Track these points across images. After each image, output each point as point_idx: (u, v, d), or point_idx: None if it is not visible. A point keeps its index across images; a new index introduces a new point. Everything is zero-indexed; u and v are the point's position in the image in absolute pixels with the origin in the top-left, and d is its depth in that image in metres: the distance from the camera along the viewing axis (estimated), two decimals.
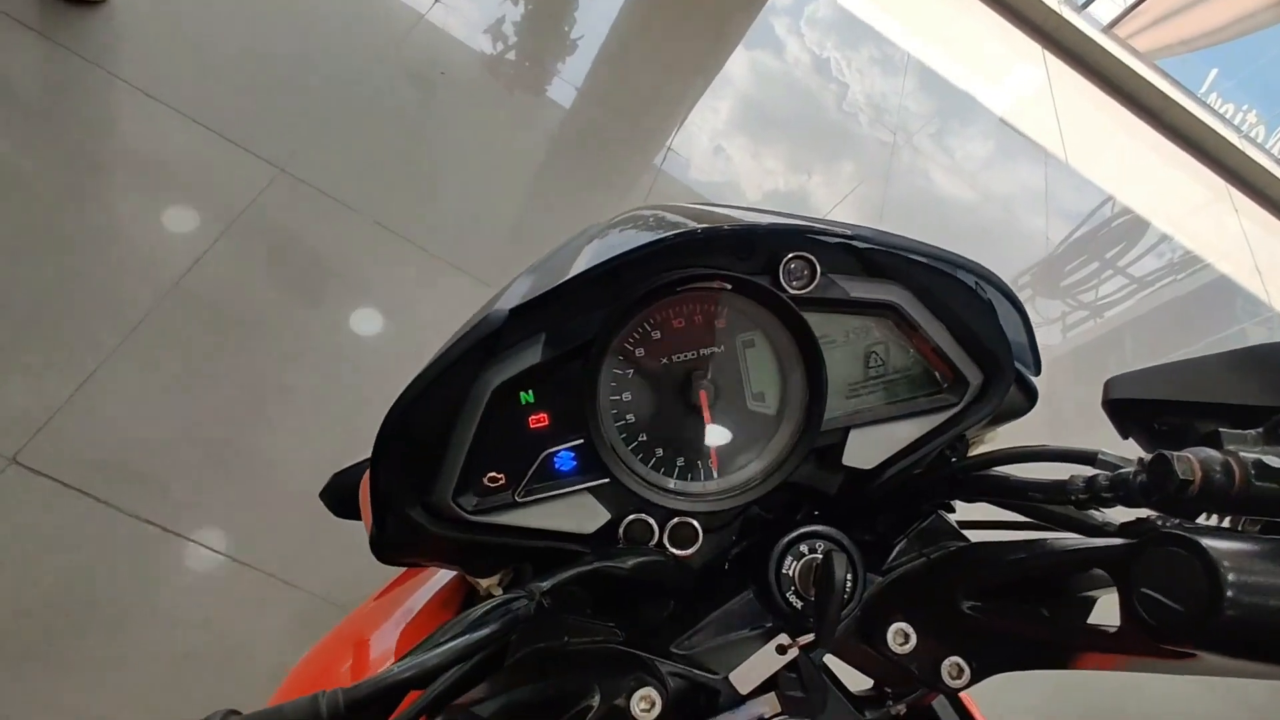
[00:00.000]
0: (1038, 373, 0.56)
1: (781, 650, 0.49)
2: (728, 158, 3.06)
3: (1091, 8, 5.42)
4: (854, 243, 0.51)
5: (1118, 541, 0.39)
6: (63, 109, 1.84)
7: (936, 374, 0.54)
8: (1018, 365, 0.54)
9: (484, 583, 0.54)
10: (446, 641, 0.39)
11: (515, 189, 2.41)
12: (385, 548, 0.50)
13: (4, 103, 1.78)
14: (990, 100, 4.42)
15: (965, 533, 0.54)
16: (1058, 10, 5.10)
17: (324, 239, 1.96)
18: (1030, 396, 0.56)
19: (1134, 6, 5.48)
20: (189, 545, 1.49)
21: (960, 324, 0.52)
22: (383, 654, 0.64)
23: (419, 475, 0.48)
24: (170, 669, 1.39)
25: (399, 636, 0.62)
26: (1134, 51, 5.34)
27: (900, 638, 0.49)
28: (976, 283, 0.52)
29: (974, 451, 0.58)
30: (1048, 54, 5.12)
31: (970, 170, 3.94)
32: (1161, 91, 5.22)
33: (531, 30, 2.94)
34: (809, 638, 0.48)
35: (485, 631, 0.40)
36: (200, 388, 1.65)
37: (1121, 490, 0.40)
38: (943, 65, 4.32)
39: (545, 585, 0.44)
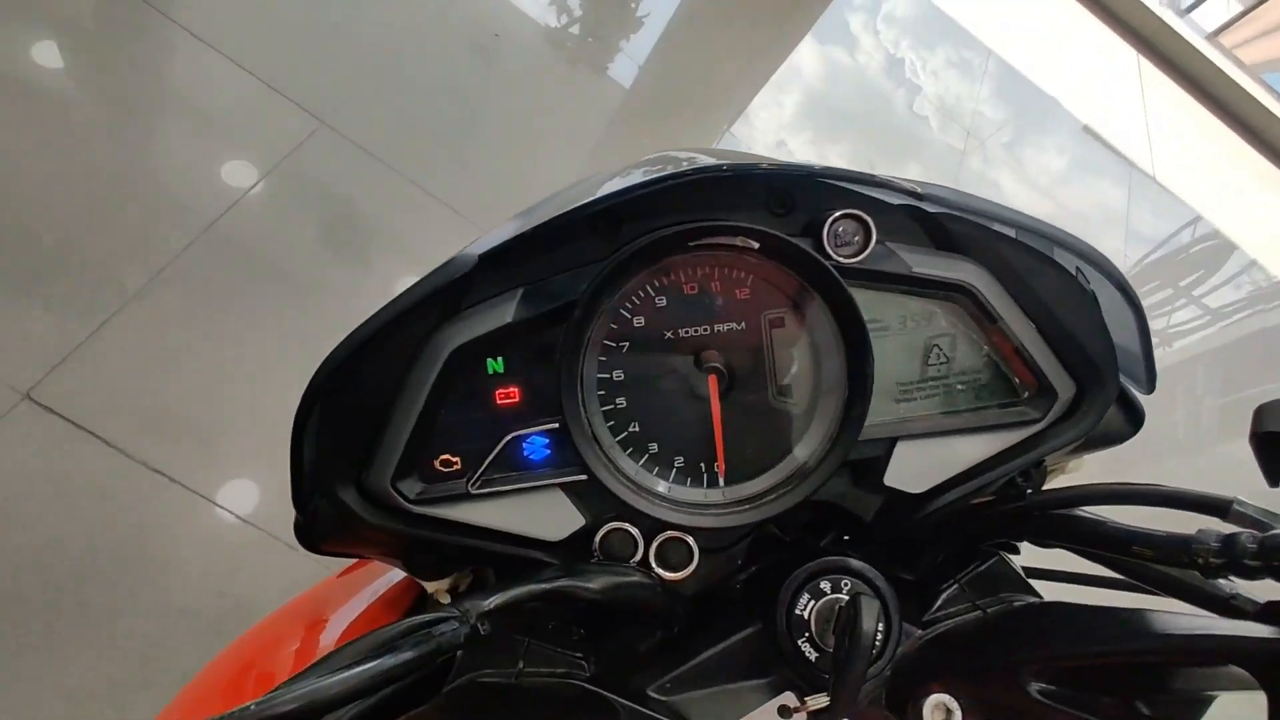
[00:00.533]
0: (1149, 390, 0.44)
1: (785, 713, 0.39)
2: (788, 150, 2.92)
3: (1196, 13, 5.07)
4: (922, 204, 0.40)
5: (1265, 631, 0.28)
6: (113, 44, 1.82)
7: (1015, 380, 0.42)
8: (1123, 378, 0.42)
9: (430, 587, 0.45)
10: (342, 669, 0.30)
11: (562, 160, 2.32)
12: (312, 535, 0.41)
13: (57, 34, 1.77)
14: (1074, 107, 4.16)
15: (1033, 583, 0.43)
16: (1158, 13, 4.78)
17: (359, 195, 1.91)
18: (1135, 419, 0.44)
19: (1243, 14, 5.10)
20: (198, 500, 1.45)
21: (1052, 319, 0.40)
22: (329, 643, 0.56)
23: (352, 449, 0.39)
24: (165, 623, 1.35)
25: (343, 630, 0.54)
26: (1238, 62, 4.98)
27: (940, 714, 0.38)
28: (1078, 267, 0.41)
29: (1053, 483, 0.46)
30: (1143, 59, 4.80)
31: (1045, 182, 3.71)
32: (1265, 108, 4.86)
33: (598, 2, 2.84)
34: (822, 700, 0.38)
35: (394, 661, 0.31)
36: (222, 336, 1.61)
37: (1277, 559, 0.29)
38: (1026, 67, 4.08)
39: (485, 605, 0.34)
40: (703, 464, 0.42)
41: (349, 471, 0.39)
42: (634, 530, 0.41)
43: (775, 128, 2.95)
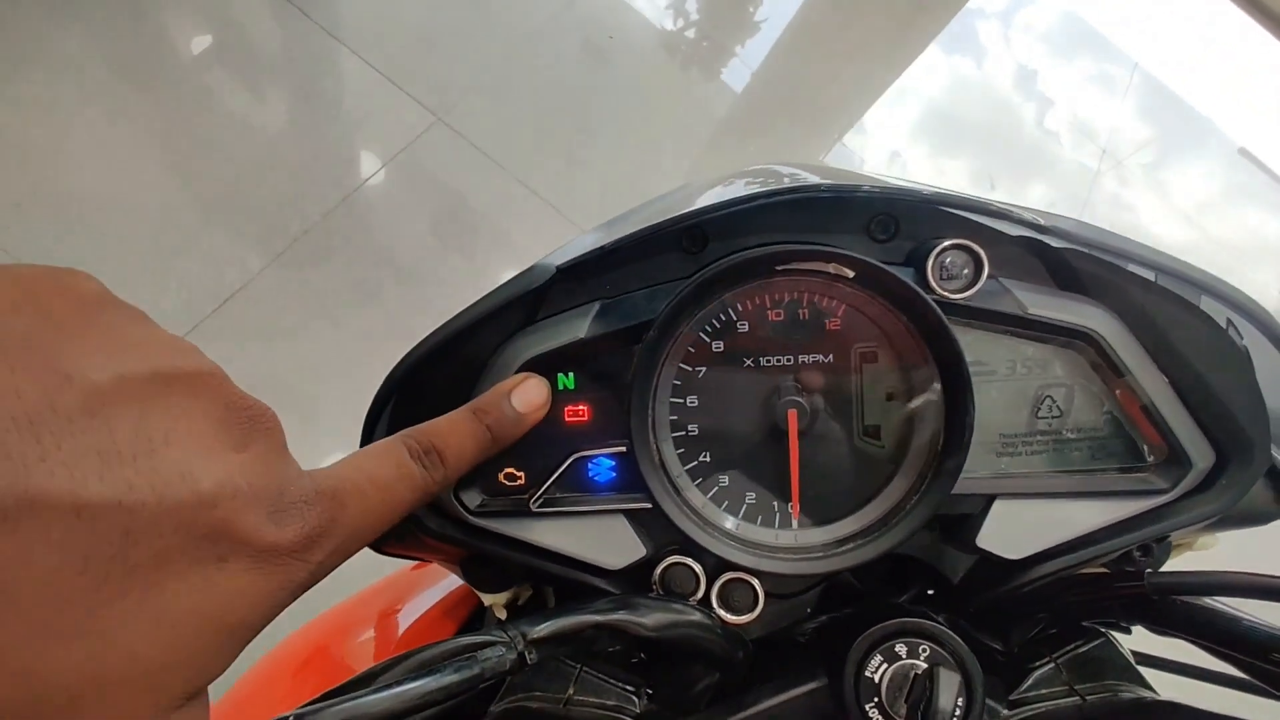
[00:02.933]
0: None
1: None
2: (902, 163, 2.80)
3: None
4: (1045, 238, 0.35)
5: None
6: (253, 38, 1.95)
7: (1141, 443, 0.37)
8: (1275, 450, 0.36)
9: (487, 599, 0.44)
10: (381, 688, 0.29)
11: (669, 165, 2.31)
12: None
13: (208, 26, 1.91)
14: (1231, 127, 3.79)
15: (1144, 671, 0.38)
16: None
17: (468, 190, 1.97)
18: None
19: None
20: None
21: (1193, 376, 0.35)
22: (395, 639, 0.56)
23: None
24: None
25: (407, 628, 0.54)
26: None
27: None
28: (1230, 319, 0.35)
29: (1177, 561, 0.40)
30: None
31: (1190, 207, 3.40)
32: None
33: (715, 6, 2.81)
34: None
35: (434, 684, 0.30)
36: (332, 322, 1.69)
37: None
38: (1177, 83, 3.75)
39: (535, 633, 0.33)
40: (775, 503, 0.39)
41: None
42: (697, 567, 0.39)
43: (891, 139, 2.84)
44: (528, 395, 0.35)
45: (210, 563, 0.20)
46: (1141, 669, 0.39)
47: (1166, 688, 0.38)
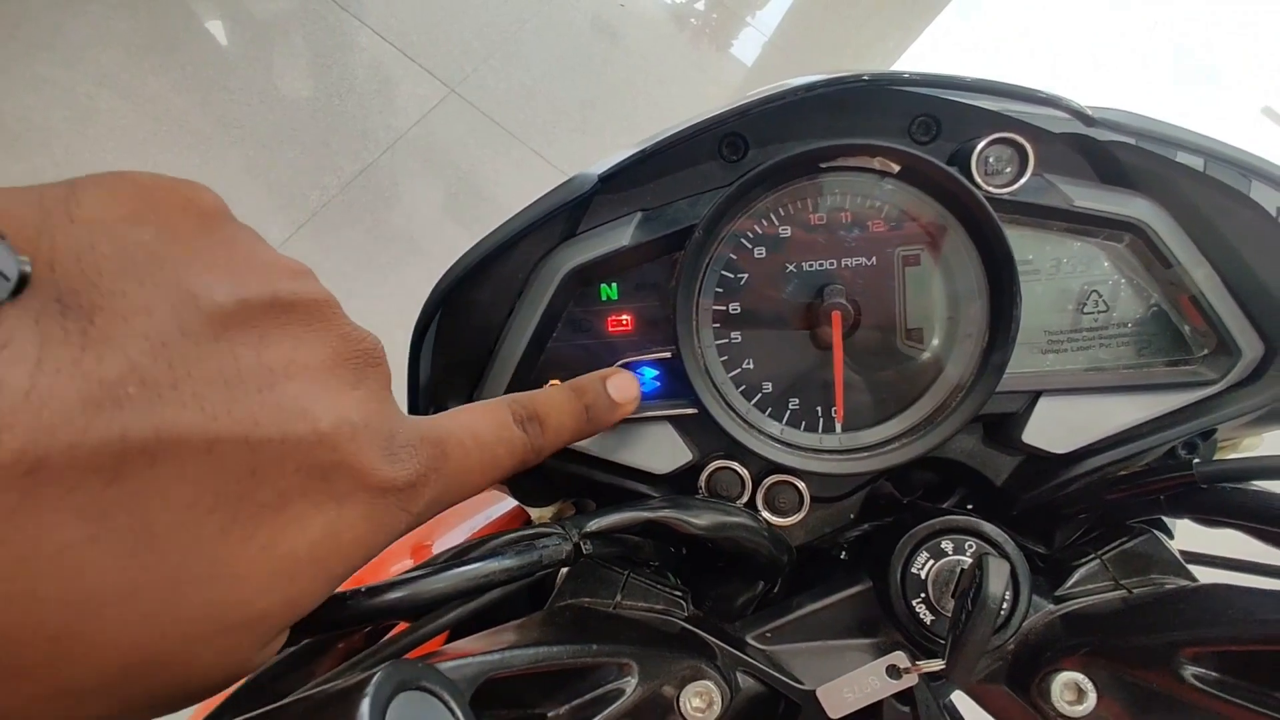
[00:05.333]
0: None
1: (894, 673, 0.36)
2: None
3: None
4: (1092, 131, 0.35)
5: None
6: (260, 13, 1.95)
7: (1188, 334, 0.37)
8: None
9: (534, 514, 0.45)
10: (447, 568, 0.30)
11: None
12: None
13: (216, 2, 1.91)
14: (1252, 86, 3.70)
15: (1191, 569, 0.38)
16: None
17: (483, 163, 1.97)
18: None
19: None
20: None
21: (1242, 266, 0.35)
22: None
23: (466, 366, 0.39)
24: None
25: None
26: None
27: (1070, 694, 0.34)
28: (1279, 208, 0.35)
29: (1224, 455, 0.40)
30: None
31: None
32: None
33: None
34: (936, 664, 0.35)
35: (496, 565, 0.31)
36: (351, 286, 1.70)
37: None
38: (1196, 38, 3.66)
39: (588, 527, 0.34)
40: (819, 408, 0.40)
41: (462, 387, 0.40)
42: (742, 470, 0.39)
43: None
44: (622, 384, 0.35)
45: (329, 505, 0.20)
46: (1190, 567, 0.39)
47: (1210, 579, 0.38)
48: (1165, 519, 0.40)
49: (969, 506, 0.45)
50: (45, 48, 1.67)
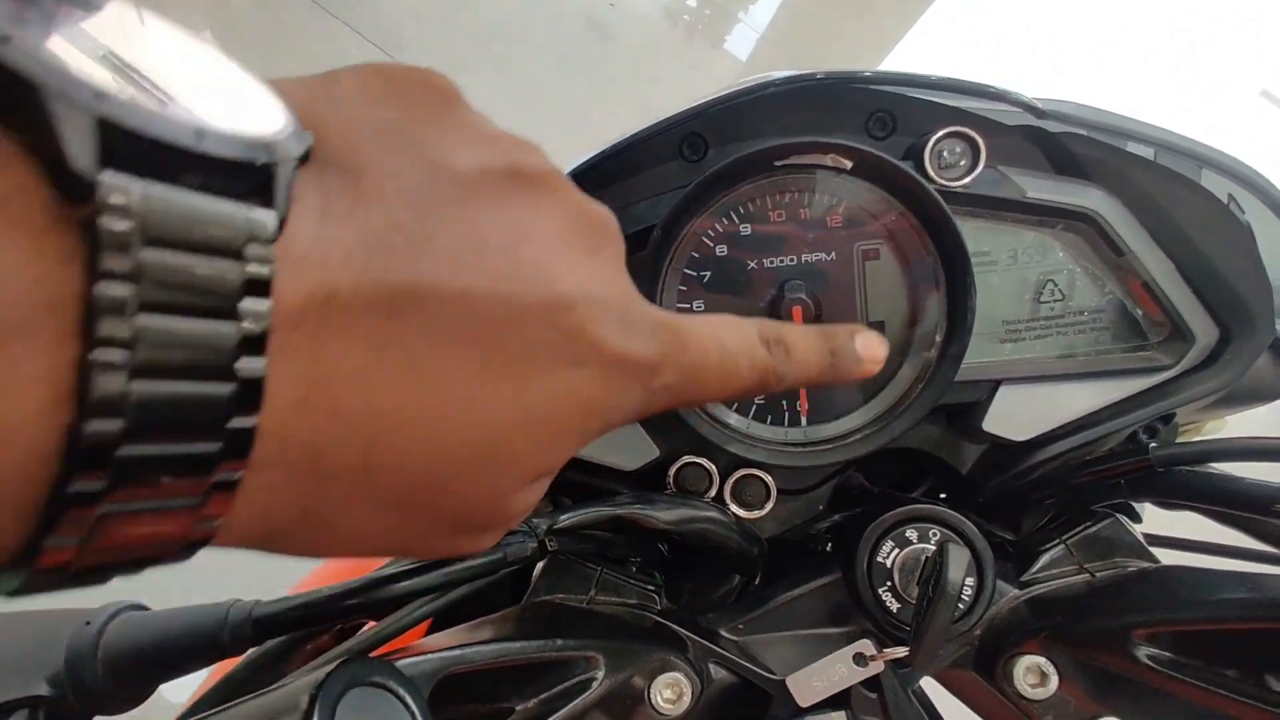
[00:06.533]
0: None
1: (861, 661, 0.37)
2: None
3: None
4: (1043, 123, 0.36)
5: None
6: (238, 14, 1.95)
7: (1143, 321, 0.38)
8: (1279, 324, 0.37)
9: None
10: (410, 570, 0.31)
11: None
12: None
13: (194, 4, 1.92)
14: (1251, 68, 3.68)
15: (1155, 551, 0.39)
16: None
17: None
18: None
19: None
20: None
21: (1194, 253, 0.35)
22: None
23: None
24: None
25: None
26: None
27: (1033, 677, 0.35)
28: (1231, 194, 0.36)
29: (1187, 439, 0.41)
30: None
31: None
32: None
33: None
34: (901, 651, 0.36)
35: (459, 565, 0.32)
36: None
37: None
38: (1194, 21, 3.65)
39: (554, 523, 0.34)
40: (784, 402, 0.40)
41: None
42: (709, 465, 0.40)
43: None
44: (870, 341, 0.31)
45: (570, 364, 0.20)
46: (1152, 550, 0.39)
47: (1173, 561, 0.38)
48: (1132, 503, 0.41)
49: (941, 495, 0.45)
50: None
